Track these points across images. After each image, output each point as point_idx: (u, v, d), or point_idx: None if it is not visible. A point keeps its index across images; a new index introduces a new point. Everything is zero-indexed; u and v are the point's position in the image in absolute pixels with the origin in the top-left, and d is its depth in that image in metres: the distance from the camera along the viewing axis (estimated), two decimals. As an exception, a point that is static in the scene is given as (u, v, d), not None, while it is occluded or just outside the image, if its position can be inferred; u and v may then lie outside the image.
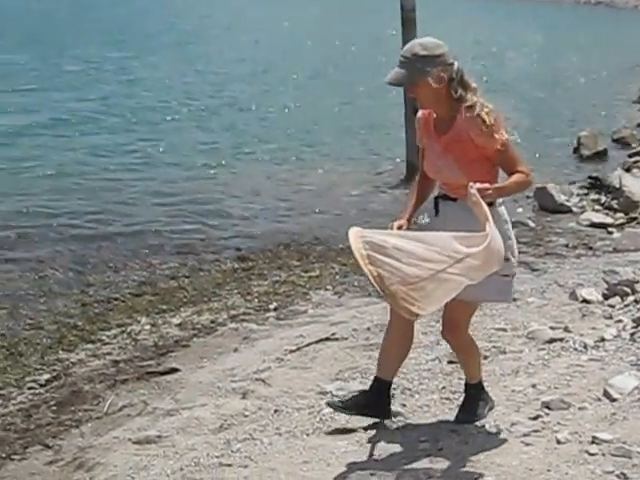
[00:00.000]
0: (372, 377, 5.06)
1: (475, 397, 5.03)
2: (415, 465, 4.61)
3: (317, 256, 9.48)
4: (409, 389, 5.57)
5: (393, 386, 5.02)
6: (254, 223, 11.13)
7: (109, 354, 7.09)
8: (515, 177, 4.52)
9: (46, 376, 6.66)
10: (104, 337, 7.47)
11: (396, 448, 4.83)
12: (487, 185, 4.35)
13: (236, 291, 8.47)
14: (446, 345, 5.32)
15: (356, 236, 4.15)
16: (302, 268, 9.05)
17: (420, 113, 4.78)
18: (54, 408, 6.05)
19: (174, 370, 6.51)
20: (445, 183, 4.73)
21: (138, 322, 7.81)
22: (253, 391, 5.81)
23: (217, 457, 4.92)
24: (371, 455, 4.79)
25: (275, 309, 7.88)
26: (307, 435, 5.09)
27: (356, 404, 4.98)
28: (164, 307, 8.16)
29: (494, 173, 4.61)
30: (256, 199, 12.24)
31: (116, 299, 8.43)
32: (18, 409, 6.10)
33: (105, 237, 10.64)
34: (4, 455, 5.39)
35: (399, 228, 4.66)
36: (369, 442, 4.91)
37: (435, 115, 4.69)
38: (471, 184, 4.29)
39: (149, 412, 5.74)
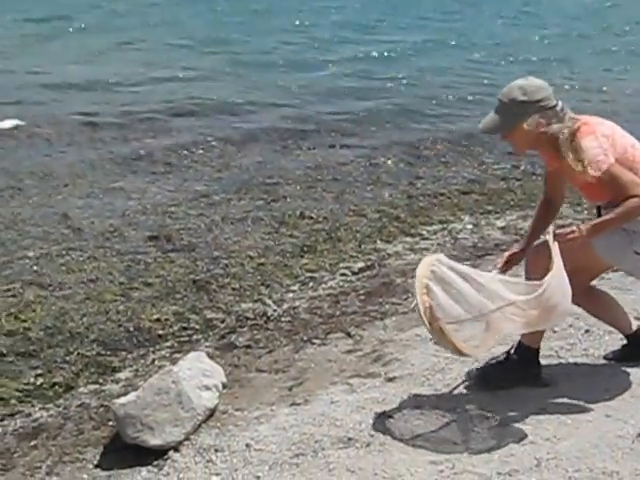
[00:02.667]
0: None
1: None
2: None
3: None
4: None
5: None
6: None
7: (426, 249, 6.90)
8: (624, 205, 3.95)
9: (360, 264, 6.60)
10: (424, 232, 7.31)
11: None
12: (570, 229, 4.00)
13: (566, 200, 7.92)
14: None
15: (427, 263, 3.92)
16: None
17: None
18: (362, 297, 5.96)
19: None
20: None
21: (461, 220, 7.59)
22: (569, 308, 5.36)
23: (518, 371, 4.60)
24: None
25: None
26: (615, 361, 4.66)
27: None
28: (489, 208, 7.86)
29: None
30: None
31: (442, 194, 8.24)
32: (327, 294, 6.07)
33: (441, 130, 10.53)
34: (305, 338, 5.36)
35: (509, 258, 4.38)
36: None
37: None
38: (549, 229, 4.04)
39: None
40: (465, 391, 4.45)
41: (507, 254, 4.44)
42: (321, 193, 8.21)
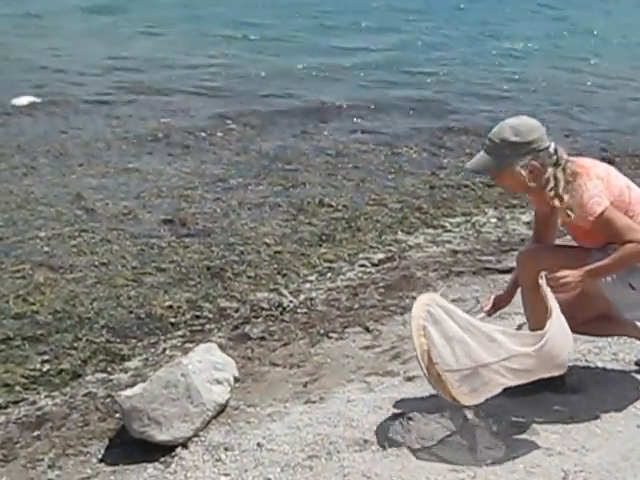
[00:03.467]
0: None
1: None
2: None
3: None
4: None
5: None
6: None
7: (449, 242, 6.74)
8: (620, 251, 3.75)
9: (380, 255, 6.41)
10: (447, 224, 7.13)
11: None
12: (563, 273, 3.75)
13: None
14: None
15: (422, 303, 3.74)
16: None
17: None
18: (381, 290, 5.76)
19: (513, 270, 5.95)
20: None
21: (485, 213, 7.39)
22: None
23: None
24: None
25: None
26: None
27: None
28: (514, 202, 7.65)
29: None
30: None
31: (466, 186, 8.03)
32: (345, 286, 5.88)
33: (465, 121, 10.32)
34: (322, 331, 5.16)
35: (495, 302, 4.22)
36: None
37: None
38: (542, 274, 3.78)
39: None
40: (489, 394, 4.25)
41: (494, 297, 4.28)
42: (341, 181, 8.02)
